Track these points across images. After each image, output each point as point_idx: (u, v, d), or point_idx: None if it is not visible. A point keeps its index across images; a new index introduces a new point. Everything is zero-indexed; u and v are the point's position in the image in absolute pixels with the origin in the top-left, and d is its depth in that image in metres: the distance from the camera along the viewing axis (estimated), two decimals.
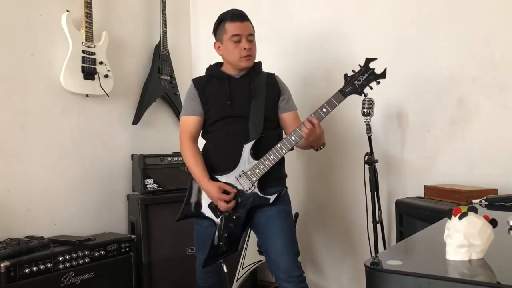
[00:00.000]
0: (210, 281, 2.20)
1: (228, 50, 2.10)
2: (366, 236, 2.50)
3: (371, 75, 1.96)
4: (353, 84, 1.96)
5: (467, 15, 2.40)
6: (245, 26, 2.09)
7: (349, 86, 1.97)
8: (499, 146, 2.31)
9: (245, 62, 2.10)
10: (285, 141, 1.99)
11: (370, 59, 1.97)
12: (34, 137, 2.57)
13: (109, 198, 2.93)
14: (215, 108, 2.11)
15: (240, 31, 2.07)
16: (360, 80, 1.96)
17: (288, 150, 2.00)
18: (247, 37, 2.08)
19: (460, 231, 0.97)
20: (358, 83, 1.96)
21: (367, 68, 1.97)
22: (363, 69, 1.97)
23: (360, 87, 1.96)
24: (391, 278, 0.92)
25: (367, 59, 1.97)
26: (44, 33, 2.63)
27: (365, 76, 1.96)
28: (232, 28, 2.07)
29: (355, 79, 1.97)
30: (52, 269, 2.23)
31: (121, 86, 3.00)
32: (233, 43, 2.07)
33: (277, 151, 1.99)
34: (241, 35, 2.07)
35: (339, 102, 1.97)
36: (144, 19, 3.25)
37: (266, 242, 2.05)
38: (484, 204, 1.82)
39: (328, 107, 1.96)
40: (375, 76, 1.96)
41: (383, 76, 1.96)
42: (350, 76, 1.98)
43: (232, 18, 2.08)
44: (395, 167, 2.65)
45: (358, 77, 1.96)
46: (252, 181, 2.01)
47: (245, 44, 2.07)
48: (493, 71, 2.33)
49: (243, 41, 2.07)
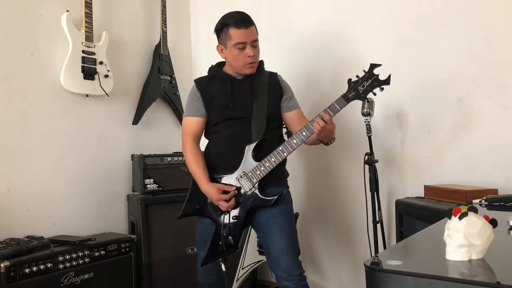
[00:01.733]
0: (212, 279, 2.20)
1: (232, 55, 2.08)
2: (366, 236, 2.50)
3: (375, 81, 1.93)
4: (356, 89, 1.94)
5: (467, 15, 2.39)
6: (250, 32, 2.04)
7: (352, 92, 1.94)
8: (499, 146, 2.31)
9: (249, 69, 2.10)
10: (287, 144, 1.98)
11: (375, 65, 1.94)
12: (34, 137, 2.57)
13: (109, 198, 2.93)
14: (218, 110, 2.11)
15: (245, 38, 2.03)
16: (363, 86, 1.94)
17: (289, 153, 1.99)
18: (252, 43, 2.05)
19: (460, 231, 0.97)
20: (362, 88, 1.94)
21: (371, 74, 1.94)
22: (367, 75, 1.94)
23: (364, 93, 1.94)
24: (391, 278, 0.92)
25: (371, 65, 1.94)
26: (44, 33, 2.63)
27: (369, 82, 1.93)
28: (237, 36, 2.03)
29: (358, 84, 1.94)
30: (52, 269, 2.23)
31: (121, 86, 3.00)
32: (238, 50, 2.05)
33: (278, 153, 1.98)
34: (246, 42, 2.03)
35: (342, 108, 1.95)
36: (144, 19, 3.25)
37: (267, 240, 2.06)
38: (484, 204, 1.82)
39: (331, 112, 1.94)
40: (379, 82, 1.93)
41: (387, 82, 1.93)
42: (353, 82, 1.95)
43: (236, 24, 2.02)
44: (395, 167, 2.65)
45: (361, 82, 1.94)
46: (252, 182, 2.01)
47: (249, 51, 2.04)
48: (493, 71, 2.33)
49: (247, 48, 2.04)
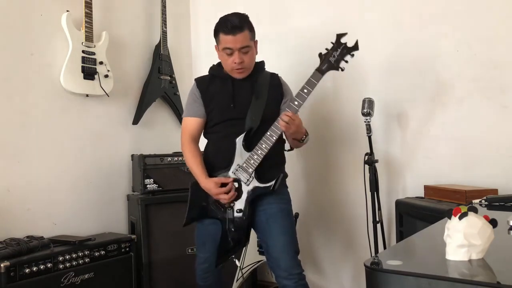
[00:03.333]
0: (210, 280, 2.19)
1: (222, 58, 2.12)
2: (366, 236, 2.50)
3: (344, 49, 2.00)
4: (328, 61, 2.01)
5: (467, 15, 2.39)
6: (237, 39, 2.03)
7: (325, 63, 2.01)
8: (499, 146, 2.31)
9: (236, 74, 2.12)
10: (273, 127, 2.01)
11: (341, 34, 2.00)
12: (34, 137, 2.57)
13: (109, 198, 2.93)
14: (218, 110, 2.12)
15: (231, 44, 2.03)
16: (334, 56, 2.00)
17: (277, 136, 2.00)
18: (240, 49, 2.05)
19: (460, 231, 0.97)
20: (333, 59, 2.01)
21: (339, 44, 2.00)
22: (336, 45, 2.01)
23: (336, 62, 2.01)
24: (391, 278, 0.92)
25: (337, 35, 2.01)
26: (44, 33, 2.63)
27: (338, 51, 2.00)
28: (224, 41, 2.04)
29: (329, 55, 2.01)
30: (52, 269, 2.23)
31: (121, 86, 3.00)
32: (226, 55, 2.07)
33: (267, 138, 2.00)
34: (232, 49, 2.04)
35: (318, 80, 2.00)
36: (144, 19, 3.25)
37: (267, 240, 2.06)
38: (484, 204, 1.82)
39: (309, 87, 2.00)
40: (348, 49, 2.00)
41: (355, 48, 2.00)
42: (324, 54, 2.02)
43: (224, 30, 2.03)
44: (395, 167, 2.65)
45: (332, 53, 2.01)
46: (249, 172, 2.02)
47: (236, 58, 2.05)
48: (493, 71, 2.33)
49: (235, 55, 2.05)
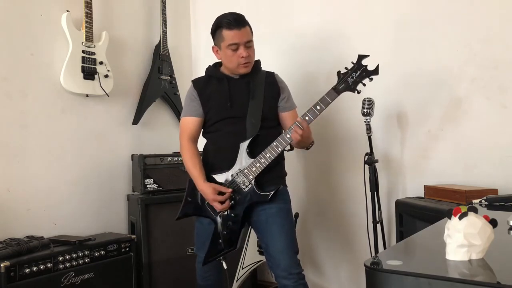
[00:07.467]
0: (210, 279, 2.20)
1: (226, 56, 2.09)
2: (366, 236, 2.50)
3: (363, 72, 1.97)
4: (346, 81, 1.98)
5: (467, 15, 2.39)
6: (243, 33, 2.04)
7: (342, 83, 1.98)
8: (499, 146, 2.31)
9: (243, 69, 2.10)
10: (280, 139, 1.99)
11: (363, 56, 1.98)
12: (34, 137, 2.57)
13: (109, 198, 2.93)
14: (215, 109, 2.12)
15: (238, 39, 2.03)
16: (353, 77, 1.97)
17: (284, 148, 2.00)
18: (245, 44, 2.05)
19: (460, 231, 0.97)
20: (351, 80, 1.97)
21: (359, 65, 1.98)
22: (356, 66, 1.98)
23: (353, 84, 1.98)
24: (391, 278, 0.92)
25: (359, 56, 1.98)
26: (44, 33, 2.63)
27: (357, 73, 1.97)
28: (230, 37, 2.03)
29: (348, 76, 1.98)
30: (52, 269, 2.23)
31: (121, 86, 3.00)
32: (231, 51, 2.05)
33: (272, 149, 1.99)
34: (238, 43, 2.04)
35: (333, 100, 1.98)
36: (144, 19, 3.25)
37: (266, 240, 2.06)
38: (484, 204, 1.82)
39: (322, 105, 1.97)
40: (367, 72, 1.97)
41: (375, 72, 1.97)
42: (343, 74, 1.99)
43: (229, 25, 2.02)
44: (395, 167, 2.65)
45: (351, 74, 1.98)
46: (249, 179, 2.01)
47: (243, 52, 2.04)
48: (493, 71, 2.33)
49: (241, 49, 2.04)
